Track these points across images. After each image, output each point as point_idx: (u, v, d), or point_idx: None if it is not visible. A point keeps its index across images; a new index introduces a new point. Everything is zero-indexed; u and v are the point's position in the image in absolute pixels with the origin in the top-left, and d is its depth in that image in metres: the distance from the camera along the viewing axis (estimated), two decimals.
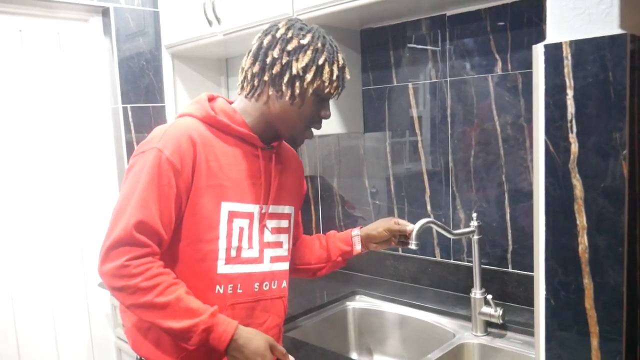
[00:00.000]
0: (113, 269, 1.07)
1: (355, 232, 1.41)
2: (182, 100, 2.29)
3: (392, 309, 1.72)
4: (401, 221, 1.38)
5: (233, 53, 2.31)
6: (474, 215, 1.49)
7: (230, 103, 1.25)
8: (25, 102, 2.04)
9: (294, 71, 1.13)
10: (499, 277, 1.61)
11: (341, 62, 1.17)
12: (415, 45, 1.77)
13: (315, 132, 1.74)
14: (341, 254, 1.42)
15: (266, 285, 1.23)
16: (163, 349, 1.16)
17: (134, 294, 1.07)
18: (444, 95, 1.71)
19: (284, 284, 1.28)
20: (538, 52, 0.85)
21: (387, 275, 1.92)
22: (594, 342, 0.84)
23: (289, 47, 1.13)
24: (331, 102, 1.78)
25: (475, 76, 1.62)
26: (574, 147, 0.83)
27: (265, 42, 1.16)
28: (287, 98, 1.15)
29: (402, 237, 1.39)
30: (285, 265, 1.29)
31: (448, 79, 1.69)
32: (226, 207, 1.16)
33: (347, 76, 1.20)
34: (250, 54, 1.19)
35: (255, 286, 1.20)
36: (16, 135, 2.02)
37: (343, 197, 2.06)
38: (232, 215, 1.16)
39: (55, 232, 2.12)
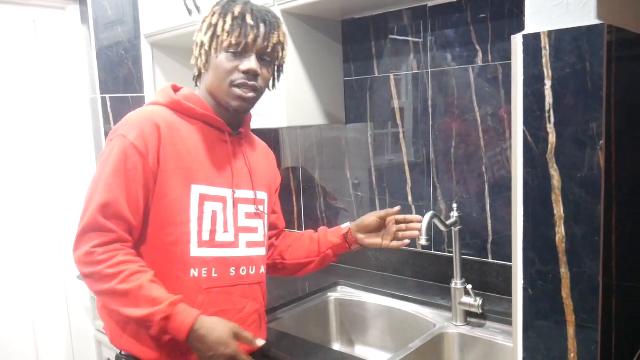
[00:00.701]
0: (82, 255, 1.10)
1: (345, 224, 1.43)
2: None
3: (373, 300, 1.72)
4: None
5: None
6: (455, 206, 1.49)
7: None
8: (0, 92, 2.00)
9: (198, 42, 1.18)
10: (479, 268, 1.62)
11: (237, 10, 1.15)
12: (396, 37, 1.77)
13: (296, 123, 1.75)
14: (332, 247, 1.42)
15: (243, 270, 1.22)
16: (142, 342, 1.15)
17: (99, 280, 1.09)
18: (425, 86, 1.71)
19: (262, 269, 1.28)
20: (517, 42, 0.85)
21: (369, 266, 1.93)
22: (571, 330, 0.85)
23: (198, 27, 1.20)
24: (313, 93, 1.79)
25: (456, 67, 1.62)
26: (552, 138, 0.83)
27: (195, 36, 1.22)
28: (204, 69, 1.19)
29: (388, 237, 1.40)
30: (261, 251, 1.29)
31: (429, 70, 1.69)
32: (196, 190, 1.16)
33: (250, 22, 1.14)
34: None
35: (232, 271, 1.20)
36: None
37: (325, 188, 2.06)
38: (203, 198, 1.16)
39: (32, 223, 2.09)
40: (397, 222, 1.40)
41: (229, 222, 1.21)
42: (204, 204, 1.17)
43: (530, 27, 0.85)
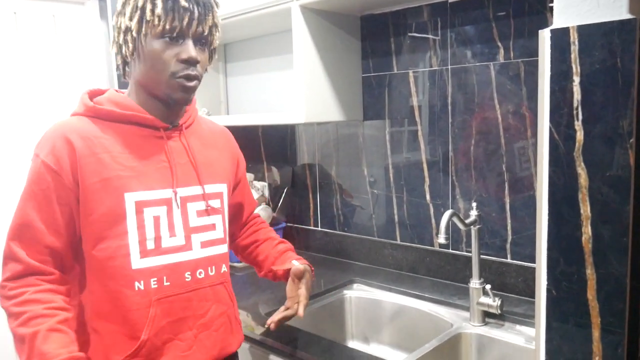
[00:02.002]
0: None
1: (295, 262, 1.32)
2: None
3: (389, 298, 1.71)
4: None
5: (232, 38, 2.28)
6: (474, 204, 1.47)
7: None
8: (20, 85, 2.01)
9: (123, 27, 1.06)
10: (497, 268, 1.60)
11: None
12: (416, 33, 1.75)
13: (313, 119, 1.74)
14: (274, 272, 1.34)
15: (200, 272, 1.14)
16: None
17: (8, 317, 1.03)
18: (444, 83, 1.69)
19: (224, 268, 1.19)
20: (544, 37, 0.83)
21: (385, 264, 1.91)
22: (595, 333, 0.83)
23: (118, 8, 1.08)
24: (331, 89, 1.78)
25: (477, 64, 1.60)
26: (580, 135, 0.81)
27: (114, 21, 1.11)
28: (135, 59, 1.08)
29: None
30: (222, 249, 1.19)
31: (449, 66, 1.67)
32: (131, 197, 1.06)
33: (184, 3, 1.03)
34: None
35: (187, 276, 1.11)
36: (10, 119, 2.00)
37: (341, 185, 2.04)
38: (140, 205, 1.07)
39: None
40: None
41: (176, 225, 1.11)
42: (142, 211, 1.07)
43: (558, 22, 0.83)
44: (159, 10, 1.02)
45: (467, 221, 1.45)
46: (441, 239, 1.32)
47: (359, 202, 1.99)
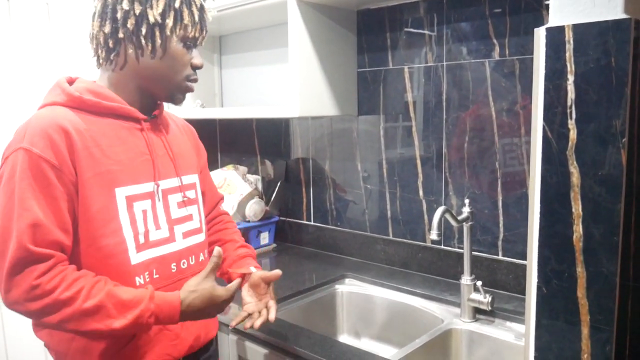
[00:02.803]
0: (24, 295, 0.95)
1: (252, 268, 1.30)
2: None
3: (381, 294, 1.71)
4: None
5: (227, 30, 2.27)
6: (466, 201, 1.47)
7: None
8: (12, 73, 1.99)
9: (152, 19, 1.03)
10: (489, 264, 1.61)
11: (199, 2, 1.09)
12: (412, 29, 1.74)
13: (308, 113, 1.74)
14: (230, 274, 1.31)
15: (184, 263, 1.15)
16: (90, 356, 1.07)
17: (58, 309, 0.96)
18: (439, 79, 1.69)
19: (201, 257, 1.21)
20: (540, 35, 0.83)
21: (377, 259, 1.92)
22: (585, 330, 0.84)
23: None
24: (325, 83, 1.77)
25: (472, 61, 1.60)
26: (573, 134, 0.82)
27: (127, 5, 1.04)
28: (149, 52, 1.05)
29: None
30: (199, 238, 1.21)
31: (444, 63, 1.67)
32: (121, 192, 1.05)
33: (209, 17, 1.12)
34: (96, 16, 1.06)
35: (173, 267, 1.13)
36: (3, 107, 1.98)
37: (335, 180, 2.04)
38: (130, 199, 1.06)
39: None
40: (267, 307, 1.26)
41: (159, 218, 1.11)
42: (132, 205, 1.06)
43: (554, 20, 0.83)
44: (196, 18, 1.08)
45: (459, 218, 1.45)
46: (433, 235, 1.32)
47: (352, 197, 1.99)
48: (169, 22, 1.04)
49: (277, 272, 1.26)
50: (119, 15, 1.03)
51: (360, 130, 1.94)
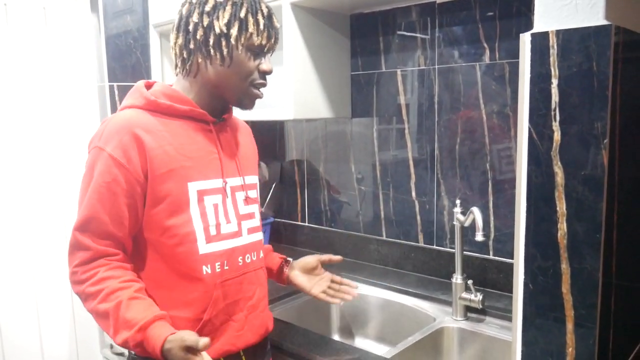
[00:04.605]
0: (69, 276, 1.10)
1: (289, 259, 1.42)
2: (169, 79, 2.28)
3: (374, 293, 1.74)
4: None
5: None
6: (458, 202, 1.50)
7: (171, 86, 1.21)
8: (9, 78, 2.01)
9: (217, 30, 1.10)
10: (480, 264, 1.63)
11: (265, 10, 1.13)
12: (404, 32, 1.78)
13: (302, 116, 1.76)
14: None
15: (248, 257, 1.22)
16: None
17: (85, 300, 1.09)
18: (431, 82, 1.72)
19: (261, 253, 1.28)
20: (525, 40, 0.86)
21: (370, 259, 1.94)
22: (569, 325, 0.87)
23: (207, 8, 1.10)
24: (320, 86, 1.80)
25: (463, 64, 1.63)
26: (557, 136, 0.85)
27: (184, 11, 1.13)
28: (218, 61, 1.12)
29: (318, 287, 1.37)
30: (259, 235, 1.28)
31: (436, 66, 1.70)
32: (193, 187, 1.13)
33: (277, 24, 1.16)
34: (174, 28, 1.16)
35: (239, 260, 1.20)
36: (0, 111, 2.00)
37: (329, 181, 2.07)
38: (201, 194, 1.14)
39: (37, 210, 2.10)
40: (333, 281, 1.38)
41: (229, 212, 1.19)
42: (203, 199, 1.14)
43: (538, 26, 0.86)
44: (261, 26, 1.11)
45: (464, 219, 1.49)
46: (479, 236, 1.38)
47: (346, 198, 2.02)
48: (234, 31, 1.10)
49: (340, 257, 1.41)
50: (190, 27, 1.12)
51: (354, 132, 1.96)
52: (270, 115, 1.83)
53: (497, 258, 1.61)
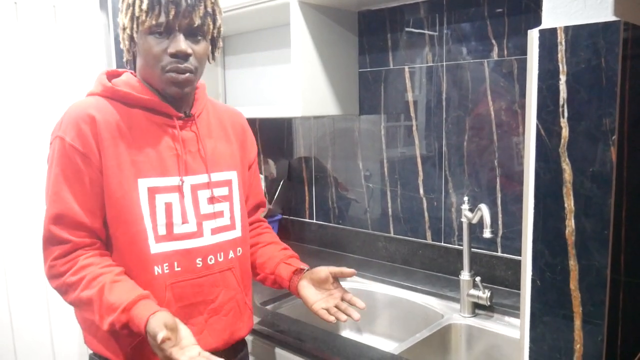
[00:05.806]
0: (46, 271, 1.09)
1: (303, 266, 1.29)
2: None
3: (382, 290, 1.74)
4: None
5: (230, 32, 2.30)
6: (465, 199, 1.50)
7: None
8: (19, 75, 2.03)
9: (121, 24, 1.09)
10: (488, 261, 1.63)
11: None
12: (412, 29, 1.77)
13: (310, 113, 1.76)
14: (276, 278, 1.30)
15: (211, 259, 1.16)
16: (113, 345, 1.12)
17: (66, 292, 1.07)
18: (439, 79, 1.71)
19: (232, 254, 1.20)
20: (533, 36, 0.86)
21: (378, 256, 1.95)
22: (577, 322, 0.87)
23: (120, 5, 1.10)
24: (327, 83, 1.80)
25: (472, 61, 1.63)
26: (565, 132, 0.84)
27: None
28: (133, 56, 1.12)
29: (323, 303, 1.23)
30: (230, 235, 1.20)
31: (444, 63, 1.70)
32: (144, 183, 1.09)
33: None
34: None
35: (198, 262, 1.14)
36: (10, 110, 2.01)
37: (337, 178, 2.07)
38: (152, 191, 1.10)
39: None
40: (343, 299, 1.23)
41: (188, 212, 1.13)
42: (154, 197, 1.10)
43: (547, 22, 0.86)
44: (144, 6, 1.03)
45: (471, 216, 1.49)
46: (487, 233, 1.37)
47: (354, 195, 2.02)
48: (126, 21, 1.07)
49: (353, 270, 1.24)
50: (119, 30, 1.13)
51: (361, 129, 1.96)
52: (278, 112, 1.84)
53: (505, 255, 1.61)
